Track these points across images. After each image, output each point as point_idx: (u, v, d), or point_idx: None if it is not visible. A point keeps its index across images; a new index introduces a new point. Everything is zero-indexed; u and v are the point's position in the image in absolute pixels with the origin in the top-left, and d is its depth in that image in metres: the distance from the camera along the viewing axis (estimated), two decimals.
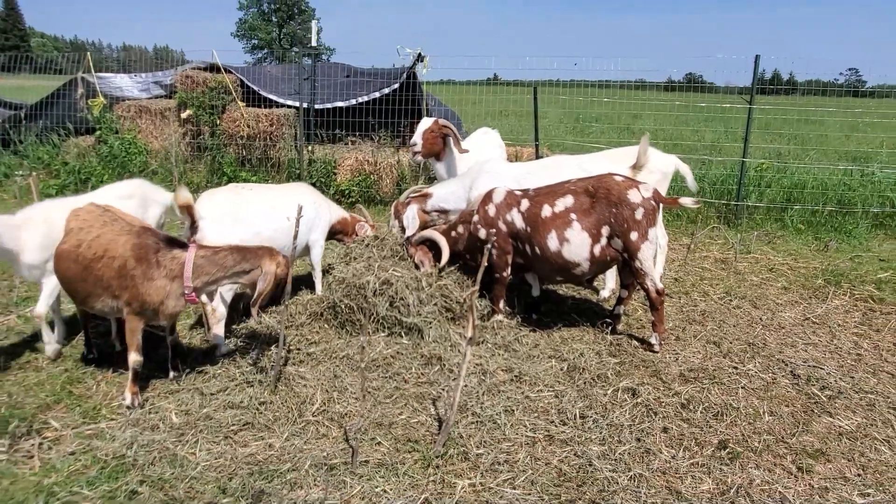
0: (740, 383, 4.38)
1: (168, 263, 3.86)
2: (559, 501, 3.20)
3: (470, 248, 5.28)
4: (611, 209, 4.68)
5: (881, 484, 3.41)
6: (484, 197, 5.19)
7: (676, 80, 14.43)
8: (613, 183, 4.76)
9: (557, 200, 4.84)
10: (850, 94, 18.00)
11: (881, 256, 7.54)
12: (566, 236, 4.77)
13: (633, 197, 4.65)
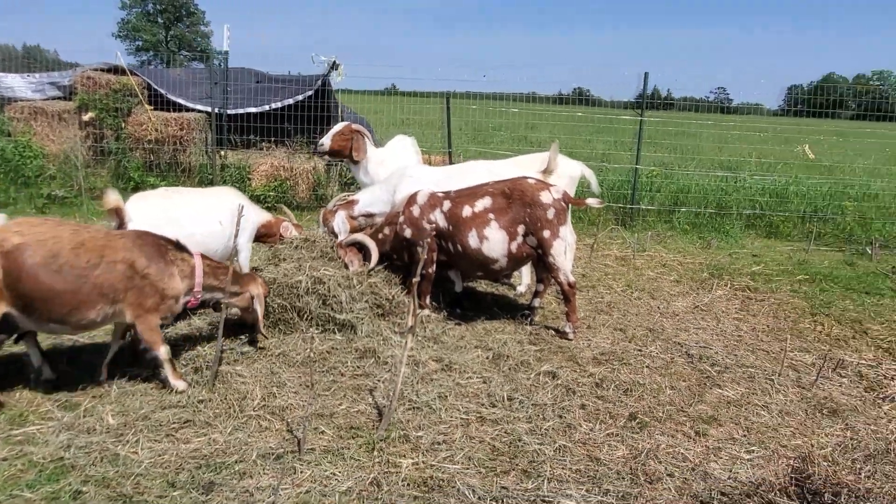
0: (644, 363, 4.91)
1: (180, 263, 3.96)
2: (495, 473, 3.50)
3: (397, 248, 5.54)
4: (525, 209, 5.12)
5: (762, 442, 3.96)
6: (408, 199, 5.47)
7: (566, 93, 15.44)
8: (527, 185, 5.21)
9: (477, 201, 5.23)
10: (719, 110, 19.88)
11: (754, 252, 8.53)
12: (485, 234, 5.16)
13: (545, 198, 5.11)
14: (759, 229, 9.77)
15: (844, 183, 11.61)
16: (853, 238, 9.36)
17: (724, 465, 3.68)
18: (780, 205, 10.09)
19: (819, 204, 10.09)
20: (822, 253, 8.73)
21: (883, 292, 6.98)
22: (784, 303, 6.55)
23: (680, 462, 3.70)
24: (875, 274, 7.65)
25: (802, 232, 9.47)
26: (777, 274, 7.49)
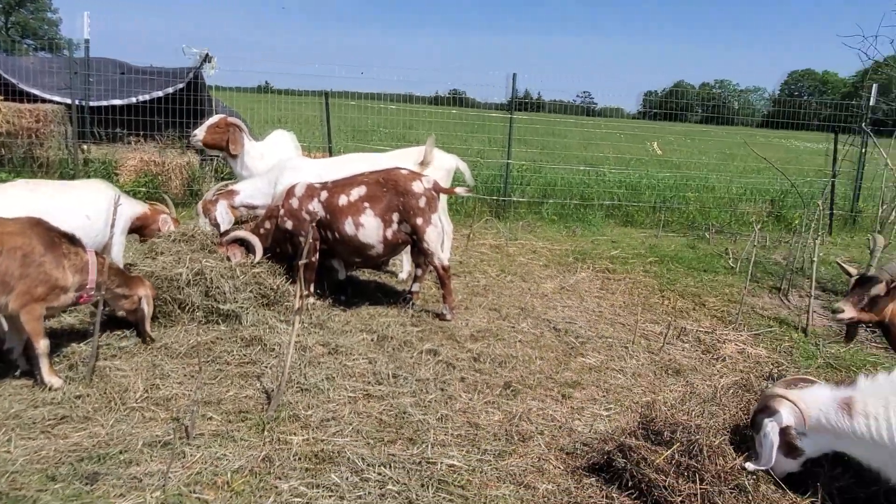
0: (517, 338, 5.35)
1: (73, 257, 3.81)
2: (382, 442, 3.73)
3: (279, 241, 5.61)
4: (399, 198, 5.40)
5: (619, 401, 4.49)
6: (287, 192, 5.56)
7: (442, 94, 16.03)
8: (400, 175, 5.49)
9: (352, 190, 5.44)
10: (584, 112, 21.37)
11: (612, 239, 9.38)
12: (361, 222, 5.38)
13: (417, 187, 5.42)
14: (617, 218, 10.73)
15: (688, 177, 13.00)
16: (695, 225, 10.54)
17: (586, 422, 4.16)
18: (635, 196, 11.14)
19: (667, 195, 11.25)
20: (670, 238, 9.78)
21: (718, 270, 7.98)
22: (637, 282, 7.32)
23: (549, 422, 4.12)
24: (712, 255, 8.72)
25: (653, 220, 10.53)
26: (632, 257, 8.33)
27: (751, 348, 5.59)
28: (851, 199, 11.25)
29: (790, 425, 3.14)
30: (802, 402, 3.14)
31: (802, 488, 3.21)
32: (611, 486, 3.38)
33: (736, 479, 3.16)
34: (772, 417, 3.17)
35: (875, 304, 3.96)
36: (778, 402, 3.20)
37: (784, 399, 3.19)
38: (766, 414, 3.20)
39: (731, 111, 45.07)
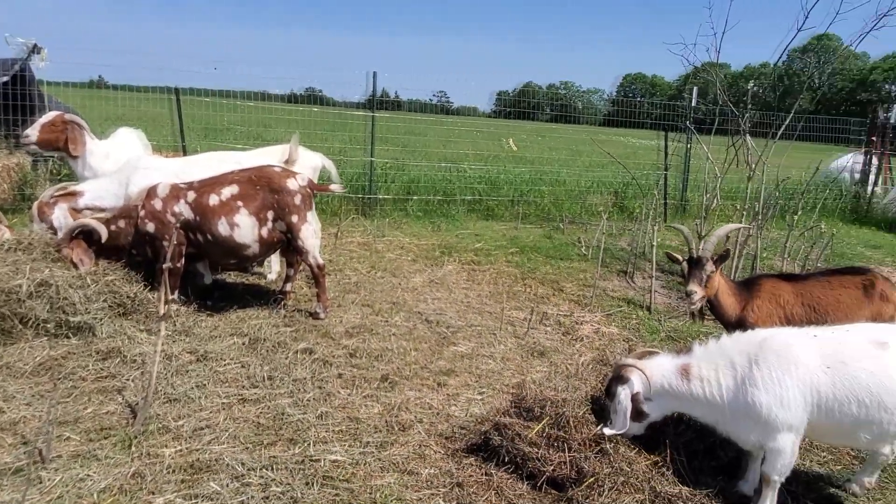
0: (391, 332, 5.44)
1: None
2: (262, 445, 3.66)
3: (137, 244, 5.25)
4: (273, 196, 5.27)
5: (491, 385, 4.72)
6: (148, 192, 5.22)
7: (298, 92, 15.73)
8: (273, 173, 5.37)
9: (223, 189, 5.22)
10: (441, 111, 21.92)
11: (476, 232, 9.75)
12: (235, 221, 5.19)
13: (292, 185, 5.33)
14: (478, 213, 11.16)
15: (542, 172, 13.80)
16: (550, 216, 11.24)
17: (461, 407, 4.34)
18: (494, 191, 11.64)
19: (523, 190, 11.86)
20: (528, 230, 10.34)
21: (572, 258, 8.59)
22: (501, 272, 7.69)
23: (427, 410, 4.26)
24: (566, 244, 9.35)
25: (512, 213, 11.07)
26: (495, 249, 8.72)
27: (604, 327, 6.10)
28: (681, 190, 12.56)
29: (639, 392, 3.52)
30: (648, 370, 3.53)
31: (654, 446, 3.60)
32: (489, 464, 3.58)
33: (599, 444, 3.48)
34: (623, 386, 3.52)
35: (709, 280, 4.50)
36: (628, 371, 3.57)
37: (633, 368, 3.56)
38: (619, 383, 3.55)
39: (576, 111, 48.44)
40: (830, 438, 3.43)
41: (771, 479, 3.25)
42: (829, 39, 75.62)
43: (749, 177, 7.06)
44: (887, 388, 3.04)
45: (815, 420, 3.16)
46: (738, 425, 3.30)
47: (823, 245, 7.84)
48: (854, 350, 3.16)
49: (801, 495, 3.59)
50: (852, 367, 3.10)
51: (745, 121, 7.04)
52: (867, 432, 3.16)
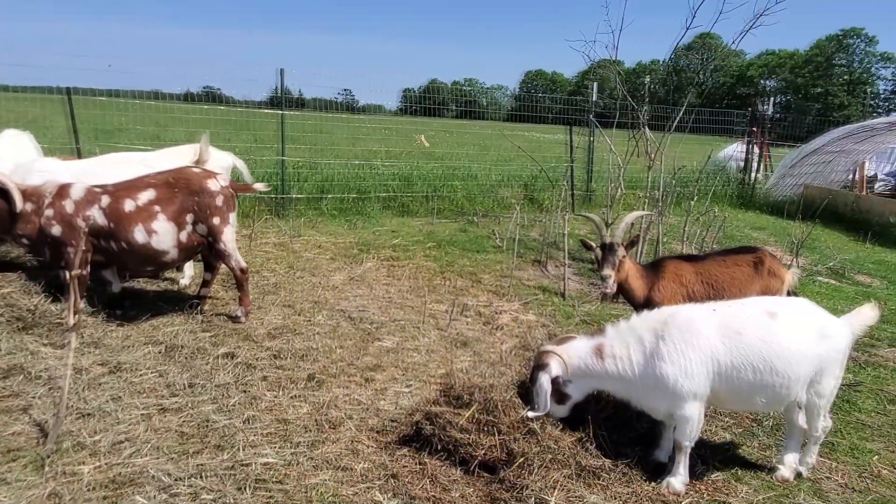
0: (314, 331, 5.39)
1: None
2: (188, 455, 3.56)
3: (36, 245, 4.88)
4: (193, 198, 5.07)
5: (417, 377, 4.78)
6: (58, 192, 4.85)
7: (195, 91, 15.15)
8: (192, 174, 5.16)
9: (140, 194, 4.96)
10: (348, 109, 21.70)
11: (392, 229, 9.78)
12: (153, 228, 4.95)
13: (213, 186, 5.15)
14: (394, 209, 11.17)
15: (453, 168, 14.00)
16: (464, 211, 11.44)
17: (391, 400, 4.39)
18: (408, 188, 11.70)
19: (437, 185, 11.99)
20: (444, 224, 10.47)
21: (488, 250, 8.80)
22: (420, 266, 7.77)
23: (356, 406, 4.27)
24: (481, 237, 9.56)
25: (427, 209, 11.17)
26: (412, 244, 8.79)
27: (522, 315, 6.32)
28: (586, 181, 13.11)
29: (559, 375, 3.70)
30: (566, 353, 3.72)
31: (578, 423, 3.80)
32: (422, 453, 3.65)
33: (528, 425, 3.63)
34: (543, 370, 3.70)
35: (621, 265, 4.78)
36: (548, 356, 3.74)
37: (552, 353, 3.74)
38: (539, 369, 3.72)
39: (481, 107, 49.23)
40: (731, 404, 3.73)
41: (682, 445, 3.51)
42: (711, 38, 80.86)
43: (649, 166, 7.50)
44: (777, 354, 3.36)
45: (717, 387, 3.45)
46: (650, 397, 3.55)
47: (716, 228, 8.46)
48: (748, 321, 3.47)
49: (709, 458, 3.89)
50: (746, 336, 3.40)
51: (643, 114, 7.47)
52: (762, 396, 3.47)
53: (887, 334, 6.22)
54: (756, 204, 14.56)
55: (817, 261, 9.41)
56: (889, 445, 4.24)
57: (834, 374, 3.53)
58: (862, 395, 4.93)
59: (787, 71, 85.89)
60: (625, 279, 4.85)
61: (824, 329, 3.47)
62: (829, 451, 4.08)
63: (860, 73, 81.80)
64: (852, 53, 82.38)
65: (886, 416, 4.66)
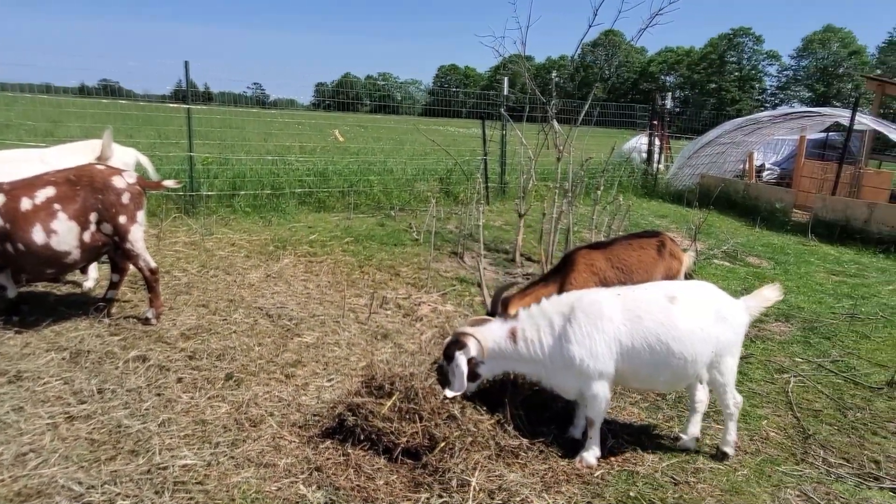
0: (231, 330, 5.29)
1: None
2: (100, 462, 3.44)
3: None
4: (96, 196, 4.84)
5: (339, 370, 4.80)
6: None
7: (91, 85, 14.35)
8: (96, 171, 4.92)
9: (37, 192, 4.68)
10: (258, 104, 21.16)
11: (309, 225, 9.65)
12: (53, 228, 4.69)
13: (118, 183, 4.93)
14: (310, 205, 11.02)
15: (369, 162, 13.95)
16: (381, 205, 11.44)
17: (312, 395, 4.39)
18: (324, 183, 11.56)
19: (353, 180, 11.92)
20: (361, 219, 10.44)
21: (406, 243, 8.87)
22: (339, 261, 7.74)
23: (277, 403, 4.25)
24: (399, 230, 9.61)
25: (344, 204, 11.09)
26: (330, 240, 8.72)
27: (441, 306, 6.43)
28: (500, 174, 13.42)
29: (475, 356, 3.83)
30: (482, 336, 3.86)
31: (497, 405, 3.95)
32: (346, 444, 3.69)
33: (448, 410, 3.74)
34: (461, 350, 3.82)
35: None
36: (464, 338, 3.86)
37: (469, 335, 3.87)
38: (456, 348, 3.83)
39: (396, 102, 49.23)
40: (636, 383, 3.97)
41: (593, 422, 3.73)
42: (615, 35, 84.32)
43: (558, 158, 7.79)
44: (675, 337, 3.61)
45: (621, 367, 3.68)
46: (559, 377, 3.74)
47: (623, 217, 8.91)
48: (649, 305, 3.71)
49: (619, 432, 4.15)
50: (647, 320, 3.64)
51: (551, 108, 7.75)
52: (663, 376, 3.73)
53: (774, 310, 6.77)
54: (659, 193, 15.38)
55: (713, 245, 10.10)
56: (776, 411, 4.66)
57: (733, 354, 3.80)
58: (753, 367, 5.37)
59: (685, 67, 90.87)
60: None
61: (722, 311, 3.74)
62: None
63: (749, 70, 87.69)
64: (742, 51, 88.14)
65: (774, 384, 5.11)
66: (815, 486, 3.68)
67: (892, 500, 3.59)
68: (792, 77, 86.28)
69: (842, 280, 8.57)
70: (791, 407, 4.70)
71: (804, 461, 4.00)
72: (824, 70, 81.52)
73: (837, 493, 3.62)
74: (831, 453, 4.11)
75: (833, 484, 3.72)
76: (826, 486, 3.69)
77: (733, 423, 3.95)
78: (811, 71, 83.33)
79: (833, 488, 3.67)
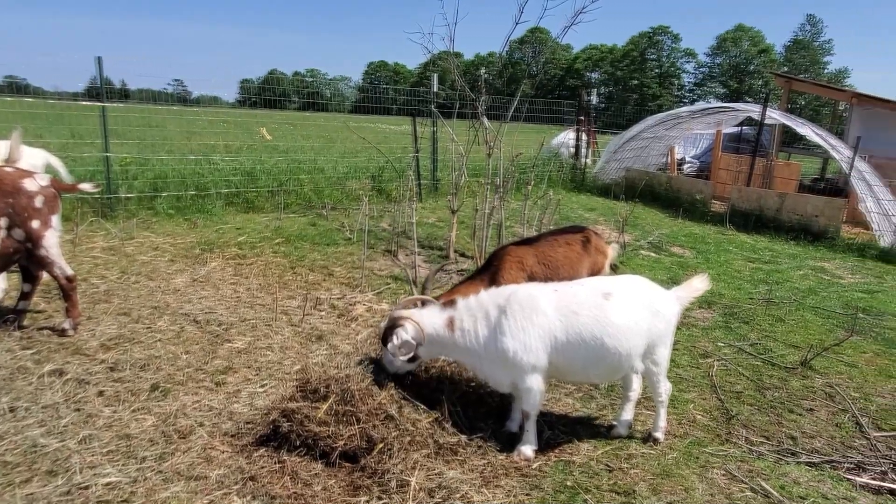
0: (156, 338, 5.07)
1: None
2: (14, 485, 3.22)
3: None
4: (6, 199, 4.51)
5: (272, 375, 4.68)
6: None
7: None
8: (5, 174, 4.59)
9: None
10: (180, 101, 20.38)
11: (237, 226, 9.35)
12: None
13: (30, 186, 4.62)
14: (238, 206, 10.67)
15: (299, 161, 13.66)
16: (312, 204, 11.21)
17: (245, 402, 4.26)
18: (252, 183, 11.23)
19: (282, 179, 11.63)
20: (292, 219, 10.20)
21: (338, 242, 8.74)
22: (269, 263, 7.54)
23: (207, 412, 4.10)
24: (331, 230, 9.45)
25: (273, 204, 10.80)
26: (259, 241, 8.49)
27: (376, 305, 6.38)
28: (432, 171, 13.41)
29: (413, 338, 3.82)
30: (421, 320, 3.86)
31: (434, 403, 3.94)
32: (281, 451, 3.61)
33: (385, 411, 3.70)
34: (401, 330, 3.81)
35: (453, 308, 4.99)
36: (403, 321, 3.85)
37: (408, 319, 3.86)
38: (394, 331, 3.82)
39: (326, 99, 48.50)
40: (570, 376, 4.05)
41: (529, 414, 3.79)
42: (542, 32, 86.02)
43: (489, 154, 7.86)
44: (608, 333, 3.70)
45: (556, 361, 3.74)
46: (494, 369, 3.78)
47: (552, 211, 9.09)
48: (584, 301, 3.78)
49: (555, 423, 4.23)
50: (581, 315, 3.72)
51: (480, 104, 7.80)
52: (596, 369, 3.83)
53: (698, 298, 7.06)
54: (587, 187, 15.79)
55: (640, 236, 10.45)
56: (702, 394, 4.87)
57: (666, 344, 3.94)
58: (679, 353, 5.59)
59: (609, 64, 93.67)
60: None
61: (654, 305, 3.85)
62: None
63: (668, 67, 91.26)
64: (661, 49, 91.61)
65: (699, 368, 5.33)
66: (738, 465, 3.87)
67: (807, 472, 3.82)
68: (708, 74, 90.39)
69: (758, 267, 9.05)
70: (715, 390, 4.93)
71: (728, 441, 4.19)
72: (737, 67, 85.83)
73: (759, 469, 3.82)
74: (752, 432, 4.33)
75: (755, 461, 3.92)
76: (748, 464, 3.88)
77: (664, 410, 4.10)
78: (725, 68, 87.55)
79: (755, 465, 3.87)
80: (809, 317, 6.77)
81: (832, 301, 7.40)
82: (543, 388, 3.79)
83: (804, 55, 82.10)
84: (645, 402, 4.52)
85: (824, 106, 59.23)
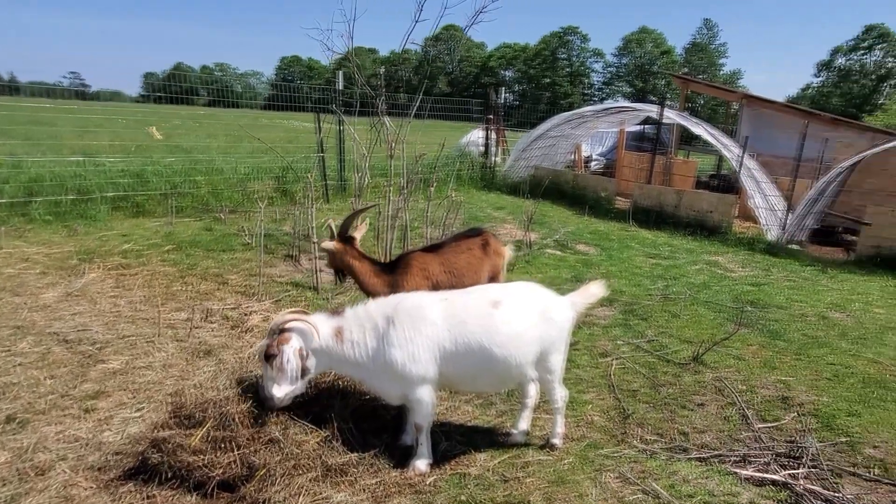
0: (16, 362, 4.57)
1: None
2: None
3: None
4: None
5: (150, 397, 4.32)
6: None
7: None
8: None
9: None
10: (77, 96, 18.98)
11: (123, 232, 8.69)
12: None
13: None
14: (125, 210, 9.93)
15: (196, 161, 12.95)
16: (209, 207, 10.61)
17: (117, 429, 3.89)
18: (142, 185, 10.49)
19: (176, 181, 10.94)
20: (185, 223, 9.60)
21: (236, 248, 8.29)
22: (156, 272, 7.03)
23: (72, 443, 3.73)
24: (228, 234, 8.96)
25: (165, 207, 10.11)
26: (147, 248, 7.91)
27: (274, 315, 6.05)
28: (339, 171, 13.06)
29: (302, 347, 3.54)
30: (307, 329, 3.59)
31: (323, 420, 3.72)
32: (150, 485, 3.30)
33: (268, 433, 3.46)
34: (287, 345, 3.50)
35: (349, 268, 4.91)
36: (290, 333, 3.56)
37: (300, 320, 3.58)
38: (281, 343, 3.50)
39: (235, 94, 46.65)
40: (461, 386, 3.93)
41: (421, 426, 3.64)
42: (457, 30, 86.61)
43: (390, 155, 7.67)
44: (496, 342, 3.59)
45: (444, 371, 3.61)
46: (382, 381, 3.60)
47: (457, 211, 9.01)
48: (473, 310, 3.66)
49: (452, 434, 4.10)
50: (470, 325, 3.59)
51: (380, 103, 7.60)
52: (487, 379, 3.72)
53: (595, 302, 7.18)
54: (497, 185, 15.89)
55: (546, 234, 10.57)
56: (600, 394, 4.89)
57: (560, 350, 3.87)
58: (578, 353, 5.62)
59: (522, 63, 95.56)
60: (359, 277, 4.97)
61: (546, 312, 3.76)
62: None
63: (578, 66, 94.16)
64: (571, 49, 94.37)
65: (598, 368, 5.37)
66: (631, 466, 3.88)
67: (696, 469, 3.88)
68: (615, 73, 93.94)
69: (657, 262, 9.34)
70: (613, 389, 4.97)
71: (623, 441, 4.22)
72: (641, 68, 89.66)
73: (650, 469, 3.84)
74: (647, 430, 4.38)
75: (647, 461, 3.95)
76: (641, 465, 3.90)
77: (561, 416, 4.06)
78: (631, 68, 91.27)
79: (647, 465, 3.89)
80: (702, 311, 7.01)
81: (723, 295, 7.71)
82: (434, 399, 3.66)
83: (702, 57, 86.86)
84: (544, 405, 4.48)
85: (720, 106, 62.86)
